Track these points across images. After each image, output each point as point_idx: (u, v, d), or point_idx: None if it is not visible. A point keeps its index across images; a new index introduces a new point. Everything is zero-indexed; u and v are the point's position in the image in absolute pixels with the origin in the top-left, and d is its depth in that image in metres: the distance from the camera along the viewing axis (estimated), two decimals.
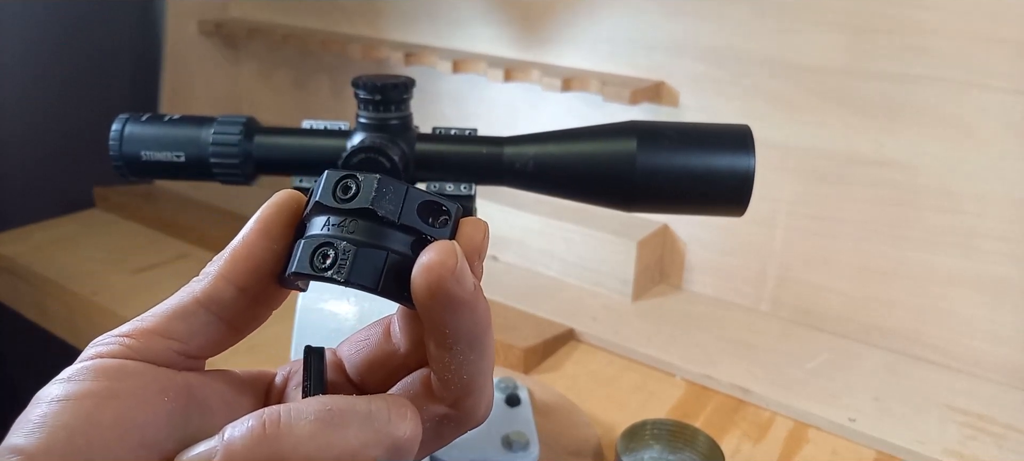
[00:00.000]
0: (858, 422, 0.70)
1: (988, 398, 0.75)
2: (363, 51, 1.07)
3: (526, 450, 0.62)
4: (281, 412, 0.24)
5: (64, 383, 0.25)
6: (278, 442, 0.23)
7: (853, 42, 0.78)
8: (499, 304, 0.88)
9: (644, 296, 0.94)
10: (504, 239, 1.00)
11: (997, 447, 0.68)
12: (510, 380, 0.71)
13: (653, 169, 0.45)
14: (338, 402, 0.24)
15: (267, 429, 0.23)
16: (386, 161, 0.45)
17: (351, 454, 0.24)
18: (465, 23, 1.05)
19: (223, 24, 1.23)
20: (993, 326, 0.77)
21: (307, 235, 0.26)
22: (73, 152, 1.23)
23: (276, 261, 0.27)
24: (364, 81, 0.46)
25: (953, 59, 0.73)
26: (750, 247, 0.90)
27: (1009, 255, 0.75)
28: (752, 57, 0.84)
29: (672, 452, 0.63)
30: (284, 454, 0.23)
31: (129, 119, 0.49)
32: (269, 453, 0.23)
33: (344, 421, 0.24)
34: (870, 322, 0.84)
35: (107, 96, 1.28)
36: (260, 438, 0.23)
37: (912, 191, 0.78)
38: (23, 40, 1.17)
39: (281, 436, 0.23)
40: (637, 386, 0.77)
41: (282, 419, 0.24)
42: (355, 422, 0.24)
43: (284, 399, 0.30)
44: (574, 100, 0.96)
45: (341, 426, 0.24)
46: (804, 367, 0.79)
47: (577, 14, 0.95)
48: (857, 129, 0.80)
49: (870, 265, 0.82)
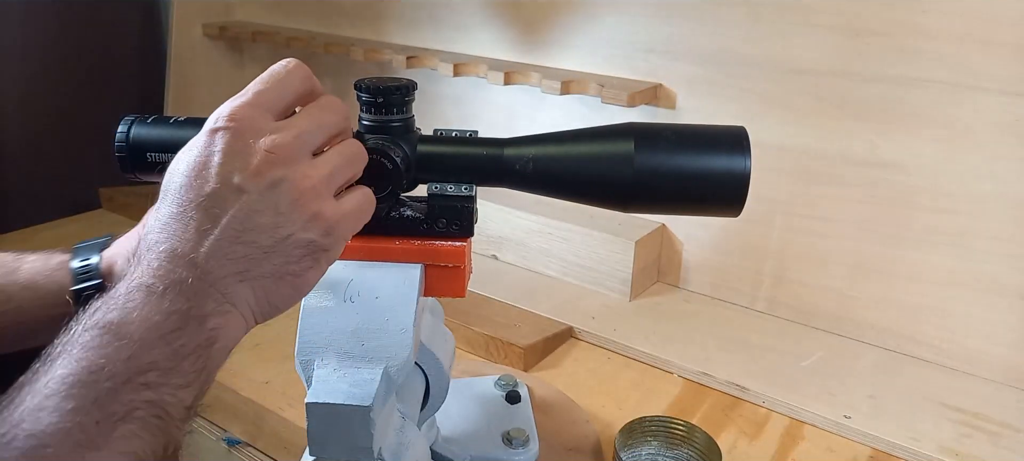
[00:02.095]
0: (853, 420, 0.71)
1: (983, 396, 0.76)
2: (366, 54, 1.07)
3: (526, 446, 0.63)
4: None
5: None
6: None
7: (848, 44, 0.79)
8: (499, 303, 0.89)
9: (642, 295, 0.95)
10: (504, 239, 1.01)
11: (992, 445, 0.69)
12: (510, 377, 0.72)
13: (651, 170, 0.46)
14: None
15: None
16: (388, 162, 0.46)
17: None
18: (466, 27, 1.06)
19: (227, 27, 1.24)
20: (987, 325, 0.78)
21: None
22: (79, 153, 1.24)
23: None
24: (367, 84, 0.47)
25: (947, 61, 0.74)
26: (746, 247, 0.91)
27: (1003, 255, 0.76)
28: (748, 60, 0.85)
29: (669, 448, 0.63)
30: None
31: (135, 120, 0.50)
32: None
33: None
34: (865, 321, 0.85)
35: (113, 98, 1.29)
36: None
37: (906, 191, 0.79)
38: (30, 43, 1.18)
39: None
40: (635, 383, 0.78)
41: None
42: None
43: None
44: (573, 102, 0.97)
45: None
46: (800, 365, 0.80)
47: (576, 18, 0.96)
48: (852, 130, 0.81)
49: (865, 264, 0.83)
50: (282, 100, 0.41)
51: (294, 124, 0.40)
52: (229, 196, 0.37)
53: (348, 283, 0.48)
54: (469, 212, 0.49)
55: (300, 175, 0.38)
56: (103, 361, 0.33)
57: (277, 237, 0.38)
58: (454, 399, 0.64)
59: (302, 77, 0.42)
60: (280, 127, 0.39)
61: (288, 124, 0.40)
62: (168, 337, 0.35)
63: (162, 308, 0.35)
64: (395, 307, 0.48)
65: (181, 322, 0.35)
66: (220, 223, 0.36)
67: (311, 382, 0.46)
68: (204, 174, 0.37)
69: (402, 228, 0.50)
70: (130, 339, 0.33)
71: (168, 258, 0.36)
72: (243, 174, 0.37)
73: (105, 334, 0.33)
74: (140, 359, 0.33)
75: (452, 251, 0.50)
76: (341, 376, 0.46)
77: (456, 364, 0.71)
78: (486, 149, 0.49)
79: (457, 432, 0.65)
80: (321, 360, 0.47)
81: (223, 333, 0.37)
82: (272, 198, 0.37)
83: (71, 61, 1.23)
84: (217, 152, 0.37)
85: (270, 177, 0.37)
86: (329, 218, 0.39)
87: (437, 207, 0.49)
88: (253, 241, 0.37)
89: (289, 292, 0.40)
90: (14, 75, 1.17)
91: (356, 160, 0.43)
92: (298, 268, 0.39)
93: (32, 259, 0.55)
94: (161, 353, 0.34)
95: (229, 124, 0.38)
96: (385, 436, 0.49)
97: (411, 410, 0.54)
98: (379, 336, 0.47)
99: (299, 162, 0.39)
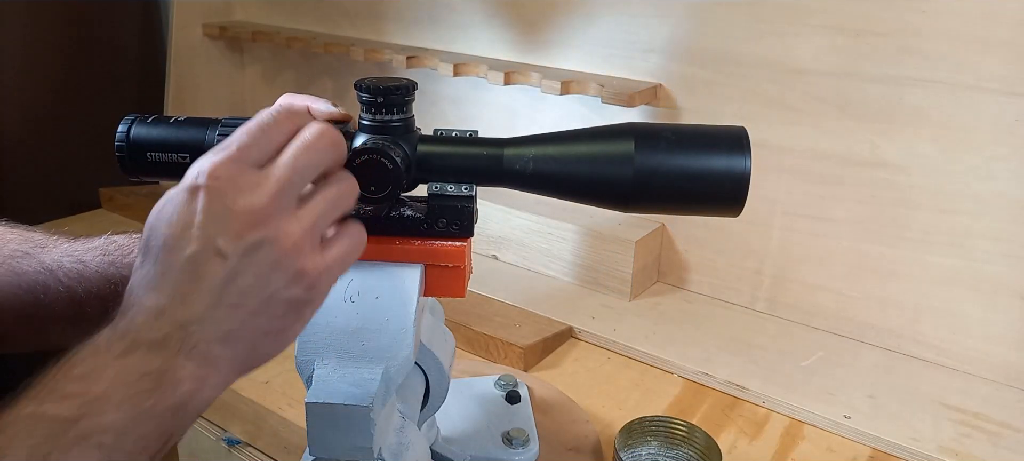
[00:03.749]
0: (853, 419, 0.71)
1: (982, 396, 0.76)
2: (366, 54, 1.08)
3: (526, 446, 0.63)
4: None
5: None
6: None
7: (848, 45, 0.79)
8: (499, 303, 0.89)
9: (642, 295, 0.95)
10: (504, 239, 1.01)
11: (991, 445, 0.69)
12: (510, 377, 0.72)
13: (651, 170, 0.46)
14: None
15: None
16: (388, 162, 0.46)
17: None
18: (466, 27, 1.06)
19: (227, 27, 1.24)
20: (987, 325, 0.78)
21: None
22: (79, 153, 1.24)
23: None
24: (367, 84, 0.47)
25: (947, 61, 0.74)
26: (746, 247, 0.91)
27: (1003, 254, 0.76)
28: (748, 60, 0.85)
29: (669, 448, 0.63)
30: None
31: (135, 120, 0.50)
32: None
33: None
34: (865, 321, 0.85)
35: (113, 98, 1.29)
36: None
37: (906, 191, 0.79)
38: (30, 43, 1.18)
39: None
40: (635, 383, 0.78)
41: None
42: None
43: None
44: (573, 102, 0.97)
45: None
46: (800, 365, 0.80)
47: (576, 18, 0.96)
48: (852, 130, 0.81)
49: (865, 264, 0.83)
50: (266, 152, 0.39)
51: (277, 174, 0.38)
52: (210, 260, 0.36)
53: (348, 283, 0.48)
54: (469, 212, 0.49)
55: (282, 234, 0.38)
56: (67, 413, 0.33)
57: (260, 298, 0.37)
58: (454, 399, 0.64)
59: (289, 123, 0.40)
60: (261, 182, 0.38)
61: (270, 176, 0.38)
62: (136, 398, 0.34)
63: (137, 368, 0.35)
64: (395, 307, 0.48)
65: (154, 383, 0.35)
66: (202, 287, 0.36)
67: (311, 382, 0.46)
68: (186, 235, 0.36)
69: (402, 228, 0.50)
70: (95, 397, 0.33)
71: (152, 316, 0.36)
72: (224, 238, 0.36)
73: (75, 383, 0.33)
74: (99, 419, 0.33)
75: (452, 251, 0.50)
76: (341, 376, 0.46)
77: (456, 364, 0.71)
78: (486, 149, 0.49)
79: (457, 432, 0.65)
80: (321, 360, 0.47)
81: (196, 395, 0.37)
82: (253, 261, 0.37)
83: (71, 61, 1.23)
84: (198, 212, 0.36)
85: (250, 240, 0.37)
86: (312, 274, 0.39)
87: (437, 207, 0.49)
88: (235, 304, 0.37)
89: (272, 347, 0.39)
90: (14, 75, 1.17)
91: (343, 199, 0.42)
92: (281, 324, 0.39)
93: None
94: (125, 414, 0.34)
95: (210, 183, 0.37)
96: (385, 436, 0.49)
97: (411, 410, 0.54)
98: (379, 336, 0.47)
99: (281, 219, 0.38)
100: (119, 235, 0.57)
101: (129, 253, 0.56)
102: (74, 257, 0.55)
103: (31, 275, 0.54)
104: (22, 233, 0.57)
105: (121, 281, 0.54)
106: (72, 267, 0.54)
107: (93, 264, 0.55)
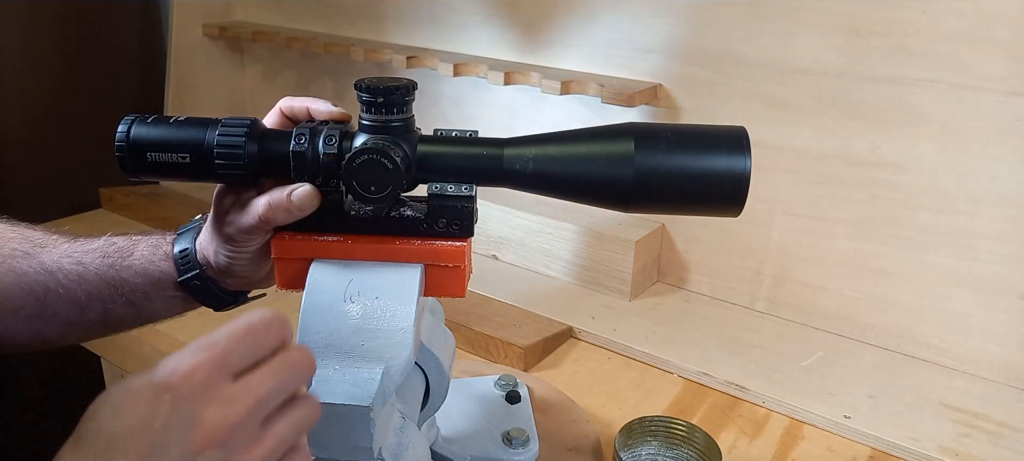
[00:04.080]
0: (853, 419, 0.71)
1: (982, 396, 0.76)
2: (366, 54, 1.08)
3: (526, 446, 0.63)
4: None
5: None
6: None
7: (848, 45, 0.79)
8: (499, 303, 0.89)
9: (642, 295, 0.95)
10: (504, 239, 1.01)
11: (991, 444, 0.69)
12: (510, 377, 0.72)
13: (651, 170, 0.46)
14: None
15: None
16: (388, 162, 0.46)
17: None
18: (466, 27, 1.06)
19: (227, 27, 1.24)
20: (987, 325, 0.78)
21: None
22: (79, 153, 1.24)
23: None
24: (367, 84, 0.47)
25: (946, 61, 0.74)
26: (746, 247, 0.91)
27: (1003, 254, 0.76)
28: (748, 60, 0.85)
29: (669, 448, 0.63)
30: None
31: (135, 120, 0.50)
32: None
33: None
34: (865, 321, 0.85)
35: (113, 98, 1.29)
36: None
37: (906, 191, 0.79)
38: (30, 43, 1.18)
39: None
40: (635, 383, 0.78)
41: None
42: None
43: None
44: (573, 102, 0.97)
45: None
46: (799, 365, 0.80)
47: (576, 18, 0.96)
48: (852, 130, 0.81)
49: (865, 264, 0.83)
50: (249, 360, 0.38)
51: (254, 390, 0.37)
52: None
53: (348, 283, 0.48)
54: (469, 212, 0.49)
55: (239, 458, 0.36)
56: None
57: None
58: (454, 399, 0.64)
59: (278, 334, 0.39)
60: (236, 398, 0.36)
61: (247, 392, 0.36)
62: None
63: None
64: (395, 307, 0.48)
65: None
66: None
67: (311, 382, 0.46)
68: (142, 435, 0.33)
69: (402, 228, 0.50)
70: None
71: None
72: (181, 449, 0.34)
73: None
74: None
75: (452, 251, 0.50)
76: (341, 376, 0.46)
77: (456, 364, 0.71)
78: (486, 149, 0.49)
79: (457, 432, 0.65)
80: (321, 360, 0.47)
81: None
82: None
83: (71, 61, 1.23)
84: (161, 414, 0.34)
85: (206, 458, 0.35)
86: None
87: (437, 207, 0.49)
88: None
89: None
90: (14, 75, 1.17)
91: (307, 424, 0.40)
92: None
93: (143, 246, 0.56)
94: None
95: (181, 387, 0.35)
96: (385, 436, 0.49)
97: (411, 410, 0.54)
98: (379, 336, 0.47)
99: (243, 441, 0.36)
100: (119, 237, 0.57)
101: (128, 256, 0.56)
102: (74, 259, 0.55)
103: (31, 276, 0.54)
104: (22, 232, 0.57)
105: (120, 284, 0.54)
106: (71, 269, 0.54)
107: (92, 266, 0.54)
